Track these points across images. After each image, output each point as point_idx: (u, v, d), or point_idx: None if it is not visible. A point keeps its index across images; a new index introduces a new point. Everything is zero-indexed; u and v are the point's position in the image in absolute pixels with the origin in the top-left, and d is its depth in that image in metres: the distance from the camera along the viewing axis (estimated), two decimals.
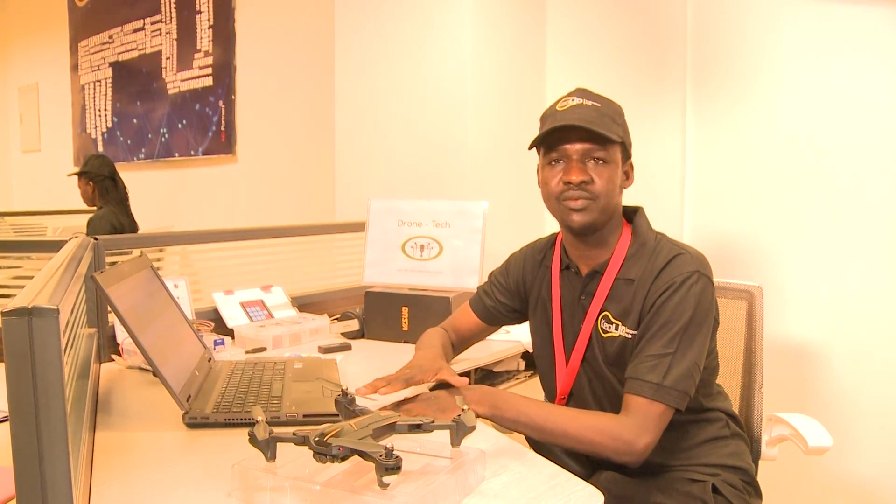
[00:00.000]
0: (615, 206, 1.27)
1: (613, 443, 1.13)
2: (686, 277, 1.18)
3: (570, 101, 1.25)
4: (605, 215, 1.25)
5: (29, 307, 0.62)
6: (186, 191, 4.36)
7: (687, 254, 1.22)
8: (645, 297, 1.21)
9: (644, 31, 2.39)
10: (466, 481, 0.91)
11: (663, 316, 1.18)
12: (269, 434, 0.89)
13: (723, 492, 1.22)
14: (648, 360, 1.16)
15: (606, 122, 1.22)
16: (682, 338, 1.16)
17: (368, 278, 2.03)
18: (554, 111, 1.25)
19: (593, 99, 1.25)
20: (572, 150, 1.22)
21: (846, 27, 1.94)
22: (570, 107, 1.24)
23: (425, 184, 2.52)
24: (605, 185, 1.22)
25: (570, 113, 1.22)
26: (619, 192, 1.27)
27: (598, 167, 1.22)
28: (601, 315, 1.27)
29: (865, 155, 1.93)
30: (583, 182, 1.21)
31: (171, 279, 1.78)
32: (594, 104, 1.24)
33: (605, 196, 1.23)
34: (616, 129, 1.23)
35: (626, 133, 1.27)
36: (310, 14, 3.38)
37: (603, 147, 1.22)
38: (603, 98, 1.27)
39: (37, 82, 6.09)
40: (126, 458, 1.05)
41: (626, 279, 1.25)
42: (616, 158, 1.24)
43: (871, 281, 1.93)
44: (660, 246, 1.25)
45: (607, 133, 1.20)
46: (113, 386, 1.47)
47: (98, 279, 1.09)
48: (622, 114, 1.28)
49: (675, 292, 1.18)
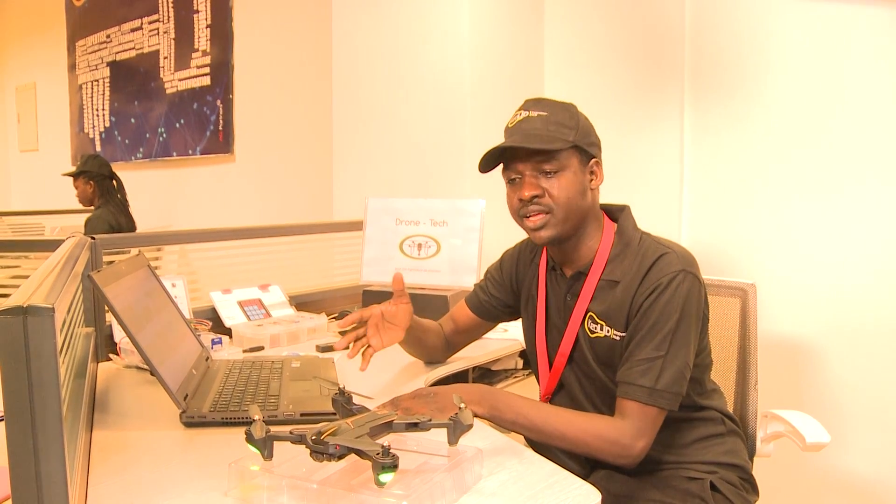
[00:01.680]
0: (582, 212, 1.25)
1: (610, 447, 1.14)
2: (672, 277, 1.18)
3: (518, 115, 1.25)
4: (568, 225, 1.24)
5: (24, 306, 0.62)
6: (184, 190, 4.36)
7: (672, 253, 1.21)
8: (632, 299, 1.20)
9: (642, 31, 2.39)
10: (463, 480, 0.91)
11: (651, 318, 1.17)
12: (265, 433, 0.89)
13: (721, 489, 1.23)
14: (640, 364, 1.16)
15: (552, 130, 1.21)
16: (672, 339, 1.16)
17: (366, 277, 2.03)
18: (506, 129, 1.26)
19: (541, 108, 1.23)
20: (522, 167, 1.23)
21: (843, 29, 1.94)
22: (517, 123, 1.24)
23: (423, 183, 2.52)
24: (559, 195, 1.21)
25: (515, 130, 1.23)
26: (583, 197, 1.24)
27: (549, 179, 1.21)
28: (587, 315, 1.27)
29: (860, 155, 1.93)
30: (535, 197, 1.21)
31: (168, 278, 1.78)
32: (540, 114, 1.22)
33: (563, 206, 1.22)
34: (564, 133, 1.21)
35: (581, 133, 1.23)
36: (307, 13, 3.38)
37: (551, 158, 1.20)
38: (553, 103, 1.25)
39: (34, 82, 6.08)
40: (123, 456, 1.05)
41: (610, 280, 1.25)
42: (570, 164, 1.22)
43: (865, 278, 1.94)
44: (644, 246, 1.24)
45: (547, 145, 1.19)
46: (110, 385, 1.47)
47: (95, 278, 1.09)
48: (575, 114, 1.25)
49: (662, 293, 1.17)
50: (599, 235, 1.29)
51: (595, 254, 1.28)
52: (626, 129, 2.37)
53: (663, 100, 2.33)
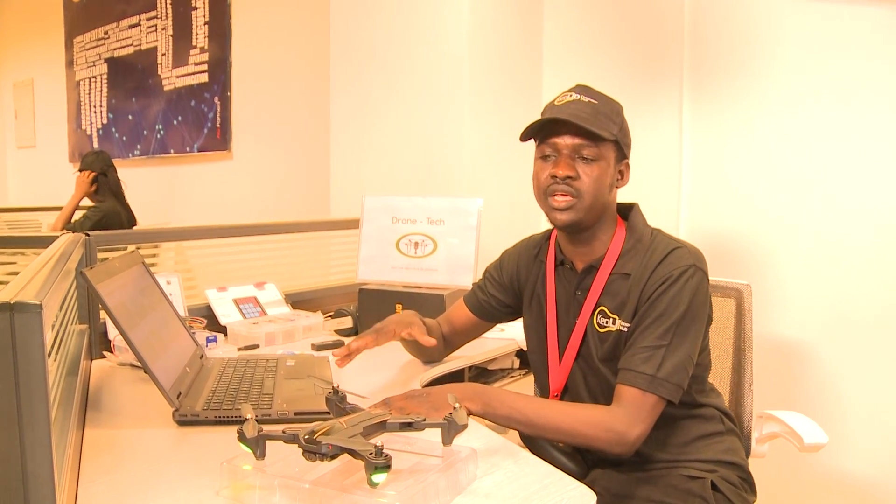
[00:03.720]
0: (604, 205, 1.25)
1: (605, 434, 1.13)
2: (683, 271, 1.18)
3: (569, 96, 1.24)
4: (591, 214, 1.24)
5: (11, 302, 0.61)
6: (181, 187, 4.35)
7: (684, 248, 1.22)
8: (641, 290, 1.20)
9: (641, 27, 2.39)
10: (458, 480, 0.90)
11: (658, 308, 1.17)
12: (258, 432, 0.88)
13: (721, 489, 1.22)
14: (642, 351, 1.16)
15: (601, 119, 1.21)
16: (677, 330, 1.16)
17: (362, 275, 2.02)
18: (552, 105, 1.25)
19: (591, 96, 1.24)
20: (562, 144, 1.22)
21: (842, 24, 1.94)
22: (566, 102, 1.23)
23: (420, 181, 2.51)
24: (591, 184, 1.21)
25: (564, 108, 1.22)
26: (609, 191, 1.25)
27: (586, 164, 1.21)
28: (597, 310, 1.26)
29: (859, 153, 1.93)
30: (568, 177, 1.21)
31: (163, 276, 1.77)
32: (591, 101, 1.22)
33: (591, 194, 1.21)
34: (610, 126, 1.22)
35: (622, 132, 1.25)
36: (305, 10, 3.37)
37: (593, 144, 1.21)
38: (602, 96, 1.25)
39: (32, 78, 6.06)
40: (115, 455, 1.05)
41: (621, 274, 1.24)
42: (607, 156, 1.23)
43: (862, 278, 1.93)
44: (656, 241, 1.25)
45: (597, 130, 1.19)
46: (104, 383, 1.46)
47: (87, 275, 1.08)
48: (620, 113, 1.26)
49: (672, 285, 1.18)
50: (612, 231, 1.29)
51: (607, 248, 1.27)
52: None
53: (661, 97, 2.32)
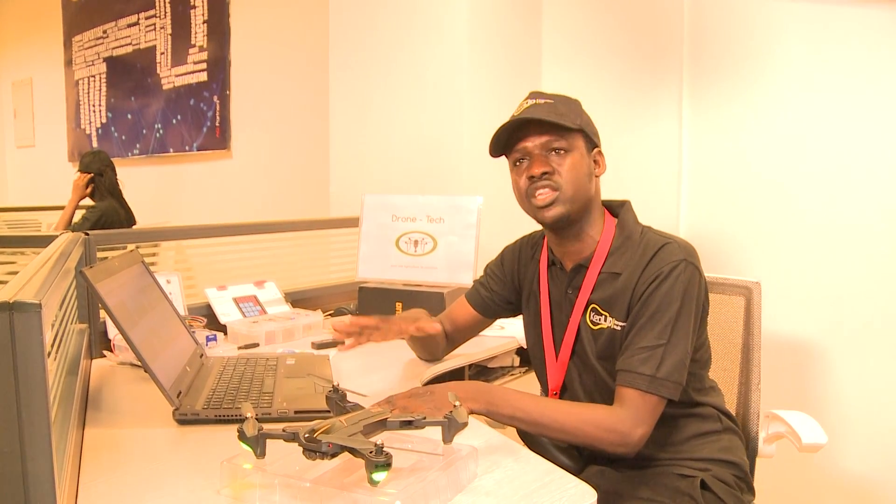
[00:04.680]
0: (587, 195, 1.26)
1: (609, 435, 1.14)
2: (674, 266, 1.18)
3: (526, 103, 1.27)
4: (575, 206, 1.24)
5: (10, 302, 0.60)
6: (181, 186, 4.34)
7: (674, 243, 1.22)
8: (633, 288, 1.20)
9: (640, 27, 2.38)
10: (458, 478, 0.90)
11: (652, 306, 1.18)
12: (258, 431, 0.88)
13: (712, 487, 1.21)
14: (640, 352, 1.16)
15: (561, 112, 1.23)
16: (674, 328, 1.16)
17: (362, 274, 2.02)
18: (512, 117, 1.27)
19: (546, 97, 1.26)
20: (531, 145, 1.24)
21: (843, 23, 1.93)
22: (524, 109, 1.26)
23: (420, 179, 2.51)
24: (568, 174, 1.23)
25: (524, 113, 1.25)
26: (589, 181, 1.26)
27: (559, 157, 1.23)
28: (589, 307, 1.27)
29: (863, 150, 1.92)
30: (545, 173, 1.22)
31: (163, 275, 1.77)
32: (547, 101, 1.25)
33: (571, 185, 1.23)
34: (573, 117, 1.24)
35: (586, 122, 1.27)
36: (304, 9, 3.36)
37: (561, 137, 1.23)
38: (557, 95, 1.28)
39: (31, 77, 6.05)
40: (115, 454, 1.05)
41: (611, 273, 1.25)
42: (578, 146, 1.25)
43: (869, 278, 1.93)
44: (646, 238, 1.25)
45: (561, 121, 1.21)
46: (104, 382, 1.46)
47: (87, 274, 1.08)
48: (580, 105, 1.29)
49: (664, 282, 1.18)
50: (601, 228, 1.29)
51: (596, 246, 1.28)
52: (623, 124, 2.36)
53: (662, 95, 2.32)
